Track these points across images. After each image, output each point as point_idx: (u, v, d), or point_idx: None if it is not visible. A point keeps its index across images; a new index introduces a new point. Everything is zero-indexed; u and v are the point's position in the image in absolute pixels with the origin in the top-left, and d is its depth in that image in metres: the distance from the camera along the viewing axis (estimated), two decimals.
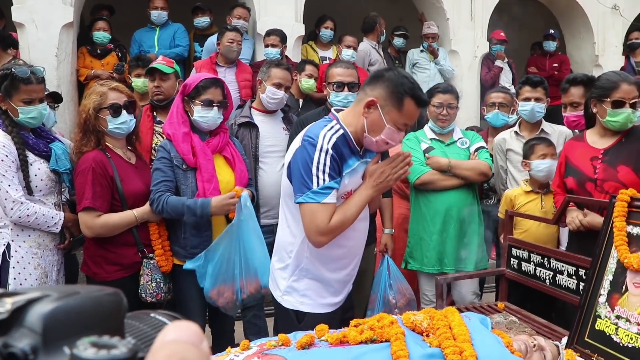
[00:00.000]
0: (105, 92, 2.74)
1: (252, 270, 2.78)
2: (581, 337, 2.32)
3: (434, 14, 6.97)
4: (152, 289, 2.79)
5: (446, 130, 3.68)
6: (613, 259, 2.30)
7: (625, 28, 7.76)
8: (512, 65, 7.14)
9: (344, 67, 3.45)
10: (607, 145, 2.88)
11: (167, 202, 2.70)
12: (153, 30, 6.07)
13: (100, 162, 2.68)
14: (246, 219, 2.76)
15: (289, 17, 6.13)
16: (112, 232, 2.73)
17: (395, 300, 3.12)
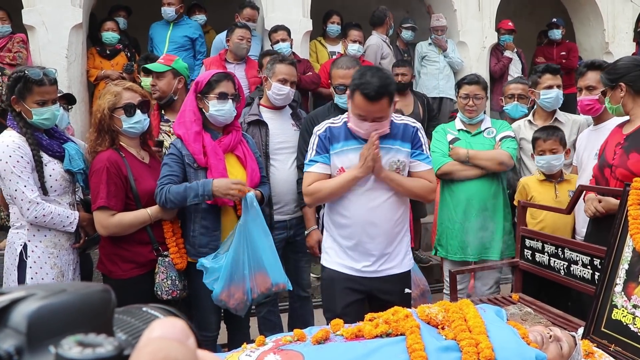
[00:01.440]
0: (120, 92, 2.76)
1: (262, 269, 2.77)
2: (597, 327, 2.31)
3: (441, 5, 6.93)
4: (168, 286, 2.81)
5: (475, 121, 3.73)
6: (628, 247, 2.29)
7: (636, 14, 7.65)
8: (521, 55, 7.08)
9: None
10: (629, 131, 2.82)
11: (169, 191, 2.71)
12: (167, 26, 6.00)
13: (115, 161, 2.71)
14: (253, 219, 2.75)
15: (296, 12, 6.12)
16: (127, 230, 2.76)
17: (410, 291, 3.13)
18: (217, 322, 3.03)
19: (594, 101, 3.29)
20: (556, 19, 7.21)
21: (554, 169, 3.42)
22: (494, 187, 3.62)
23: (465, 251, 3.65)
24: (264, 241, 2.78)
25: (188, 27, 6.05)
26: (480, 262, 3.59)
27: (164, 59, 3.58)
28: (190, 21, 6.18)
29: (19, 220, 2.78)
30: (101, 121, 2.73)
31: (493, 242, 3.62)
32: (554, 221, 3.37)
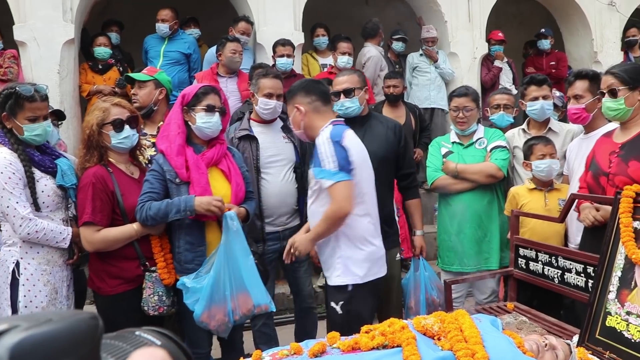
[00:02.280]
0: (108, 108, 2.77)
1: (244, 290, 2.71)
2: (592, 334, 2.32)
3: (432, 17, 6.99)
4: (154, 302, 2.78)
5: (467, 132, 3.78)
6: (621, 255, 2.30)
7: (623, 24, 7.76)
8: (511, 65, 7.15)
9: (340, 76, 3.49)
10: (625, 140, 2.83)
11: (150, 208, 2.68)
12: (161, 41, 5.97)
13: (101, 177, 2.71)
14: (234, 238, 2.70)
15: (288, 26, 6.15)
16: (113, 246, 2.74)
17: (439, 299, 3.16)
18: (208, 338, 2.99)
19: (581, 110, 3.31)
20: (544, 29, 7.28)
21: (553, 174, 3.44)
22: (487, 198, 3.67)
23: (462, 262, 3.69)
24: (246, 261, 2.72)
25: (183, 43, 6.03)
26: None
27: (148, 70, 3.60)
28: (186, 36, 6.18)
29: (12, 238, 2.76)
30: (90, 137, 2.74)
31: (491, 252, 3.66)
32: (543, 229, 3.39)
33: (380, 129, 3.36)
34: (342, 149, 2.64)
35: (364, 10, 8.12)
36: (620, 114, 2.80)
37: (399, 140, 3.35)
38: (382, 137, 3.33)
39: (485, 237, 3.66)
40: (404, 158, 3.38)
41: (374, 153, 3.18)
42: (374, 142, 3.27)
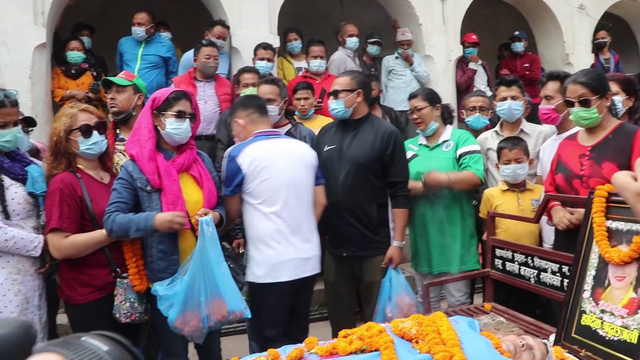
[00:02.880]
0: (75, 114, 2.73)
1: (219, 296, 2.66)
2: (568, 333, 2.34)
3: (407, 20, 7.03)
4: (126, 309, 2.72)
5: (429, 132, 3.77)
6: (595, 254, 2.33)
7: (593, 26, 7.90)
8: (486, 67, 7.22)
9: (337, 77, 3.55)
10: (594, 142, 2.91)
11: (114, 221, 2.61)
12: (138, 44, 5.89)
13: (69, 182, 2.65)
14: (209, 244, 2.66)
15: (264, 30, 6.13)
16: (82, 252, 2.68)
17: (392, 314, 3.12)
18: (184, 346, 2.91)
19: (551, 110, 3.39)
20: (518, 32, 7.38)
21: (518, 178, 3.49)
22: (446, 200, 3.66)
23: (429, 264, 3.73)
24: (220, 267, 2.68)
25: (161, 46, 5.98)
26: (443, 274, 3.63)
27: (125, 74, 3.53)
28: (163, 40, 6.11)
29: None
30: (57, 144, 2.69)
31: (452, 254, 3.66)
32: (517, 229, 3.44)
33: (369, 135, 3.34)
34: (234, 165, 2.96)
35: (339, 13, 8.13)
36: (592, 121, 2.89)
37: (385, 147, 3.29)
38: (367, 143, 3.31)
39: (446, 239, 3.67)
40: (391, 165, 3.32)
41: (355, 158, 3.29)
42: (358, 147, 3.31)
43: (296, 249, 3.02)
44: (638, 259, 2.11)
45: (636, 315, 2.06)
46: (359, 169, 3.27)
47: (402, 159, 3.38)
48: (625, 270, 2.15)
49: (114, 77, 3.43)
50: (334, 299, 3.59)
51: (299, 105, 4.74)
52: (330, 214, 3.33)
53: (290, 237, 3.00)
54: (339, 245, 3.42)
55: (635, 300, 2.08)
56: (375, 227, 3.32)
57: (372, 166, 3.29)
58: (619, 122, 2.95)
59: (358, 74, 3.56)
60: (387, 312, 3.16)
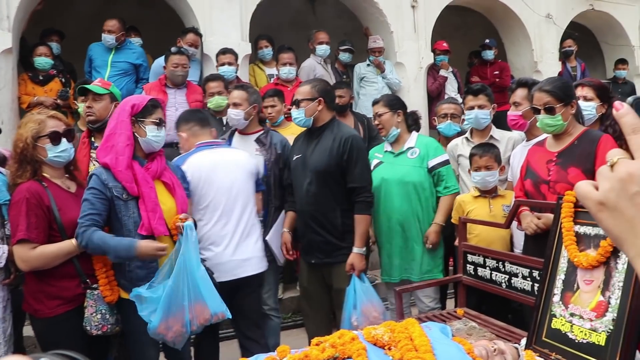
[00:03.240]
0: (44, 120, 2.66)
1: (201, 299, 2.67)
2: (539, 337, 2.36)
3: (379, 27, 7.08)
4: (97, 320, 2.66)
5: (391, 139, 3.81)
6: (564, 258, 2.36)
7: (560, 35, 8.08)
8: (457, 75, 7.31)
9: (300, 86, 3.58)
10: (561, 148, 2.99)
11: (90, 240, 2.55)
12: (108, 50, 5.79)
13: (35, 192, 2.57)
14: (193, 249, 2.68)
15: (235, 36, 6.10)
16: (50, 263, 2.60)
17: (358, 323, 3.11)
18: (156, 357, 2.87)
19: (518, 117, 3.47)
20: (489, 40, 7.49)
21: (488, 185, 3.53)
22: (410, 208, 3.67)
23: (389, 273, 3.76)
24: (199, 271, 2.69)
25: (132, 53, 5.88)
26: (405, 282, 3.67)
27: (101, 82, 3.48)
28: (134, 46, 6.02)
29: None
30: (23, 151, 2.60)
31: (412, 262, 3.69)
32: (489, 234, 3.49)
33: (327, 142, 3.36)
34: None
35: (310, 21, 8.15)
36: (558, 128, 2.97)
37: (342, 152, 3.29)
38: (326, 151, 3.34)
39: (410, 248, 3.69)
40: (348, 171, 3.31)
41: (316, 166, 3.34)
42: (318, 155, 3.36)
43: (234, 251, 3.20)
44: (605, 262, 2.15)
45: (604, 318, 2.09)
46: (320, 176, 3.33)
47: (360, 164, 3.34)
48: (593, 274, 2.18)
49: (89, 84, 3.38)
50: (308, 304, 3.61)
51: (267, 112, 4.76)
52: (298, 222, 3.49)
53: (230, 240, 3.20)
54: (307, 252, 3.47)
55: (603, 304, 2.11)
56: (341, 233, 3.34)
57: (333, 172, 3.32)
58: (584, 129, 3.02)
59: (319, 82, 3.57)
60: (353, 321, 3.15)
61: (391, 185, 3.67)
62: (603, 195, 0.71)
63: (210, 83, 4.74)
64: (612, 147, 2.81)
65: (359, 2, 7.14)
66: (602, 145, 2.83)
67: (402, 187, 3.65)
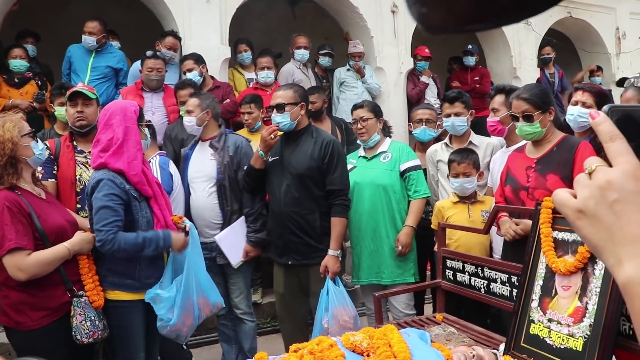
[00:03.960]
0: (20, 119, 2.58)
1: (204, 294, 2.87)
2: (517, 342, 2.37)
3: (359, 32, 7.10)
4: (87, 328, 2.57)
5: (371, 144, 3.85)
6: (542, 264, 2.37)
7: (538, 42, 8.18)
8: (436, 80, 7.34)
9: (277, 90, 3.58)
10: (540, 155, 3.02)
11: (124, 241, 2.59)
12: (89, 53, 5.62)
13: (14, 200, 2.46)
14: (195, 246, 2.90)
15: (214, 39, 6.07)
16: (47, 269, 2.50)
17: (328, 325, 3.11)
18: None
19: (496, 122, 3.49)
20: (471, 46, 7.55)
21: (466, 191, 3.55)
22: (380, 209, 3.71)
23: (357, 275, 3.79)
24: (203, 265, 2.97)
25: (112, 57, 5.71)
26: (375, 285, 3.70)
27: (88, 88, 3.48)
28: (115, 50, 5.87)
29: None
30: (12, 152, 2.45)
31: (382, 266, 3.70)
32: (468, 240, 3.49)
33: (308, 145, 3.41)
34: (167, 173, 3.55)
35: (291, 24, 8.14)
36: (536, 135, 3.01)
37: (323, 156, 3.36)
38: (306, 154, 3.38)
39: (379, 250, 3.70)
40: (328, 174, 3.38)
41: (295, 168, 3.38)
42: (298, 158, 3.40)
43: None
44: (583, 268, 2.16)
45: (581, 324, 2.10)
46: (299, 179, 3.36)
47: (340, 168, 3.42)
48: (571, 280, 2.20)
49: (78, 89, 3.37)
50: (284, 310, 3.59)
51: (244, 119, 4.84)
52: (273, 223, 3.49)
53: None
54: (282, 253, 3.45)
55: (580, 309, 2.12)
56: (319, 235, 3.37)
57: (313, 176, 3.36)
58: (563, 135, 3.05)
59: (299, 87, 3.65)
60: (324, 323, 3.15)
61: (363, 188, 3.72)
62: (582, 203, 0.71)
63: (180, 91, 4.69)
64: (590, 154, 2.86)
65: (339, 7, 7.15)
66: (580, 153, 2.86)
67: (373, 189, 3.70)
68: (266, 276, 5.08)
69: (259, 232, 3.61)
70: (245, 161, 3.60)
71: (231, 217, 3.65)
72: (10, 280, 2.47)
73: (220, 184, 3.64)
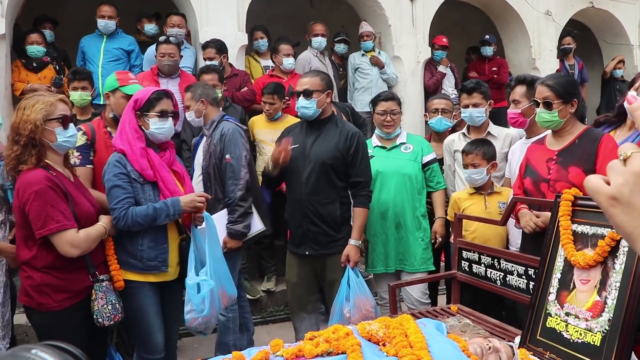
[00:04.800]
0: (54, 102, 2.54)
1: (223, 285, 2.87)
2: (533, 335, 2.35)
3: (376, 20, 7.04)
4: (109, 311, 2.61)
5: (392, 136, 3.90)
6: (560, 257, 2.34)
7: (558, 32, 8.06)
8: (454, 70, 7.28)
9: (303, 77, 3.52)
10: (561, 147, 2.97)
11: (135, 214, 2.72)
12: (100, 39, 5.75)
13: (53, 180, 2.47)
14: (212, 236, 2.90)
15: (231, 26, 6.05)
16: (93, 245, 2.60)
17: (350, 315, 3.10)
18: (162, 341, 2.90)
19: (517, 114, 3.44)
20: (488, 36, 7.46)
21: (475, 183, 3.54)
22: (406, 200, 3.76)
23: (385, 264, 3.80)
24: (221, 255, 2.97)
25: (123, 40, 5.85)
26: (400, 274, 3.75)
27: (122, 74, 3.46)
28: (125, 34, 5.96)
29: None
30: (32, 133, 2.45)
31: (407, 254, 3.76)
32: (484, 231, 3.48)
33: (333, 135, 3.37)
34: None
35: (308, 12, 8.10)
36: (554, 124, 2.97)
37: (349, 147, 3.33)
38: (331, 143, 3.34)
39: (405, 238, 3.75)
40: (353, 166, 3.34)
41: (319, 157, 3.33)
42: (322, 147, 3.35)
43: None
44: (602, 262, 2.13)
45: (600, 318, 2.08)
46: (322, 167, 3.31)
47: (365, 160, 3.41)
48: (590, 274, 2.17)
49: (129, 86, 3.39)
50: (296, 302, 3.55)
51: (265, 108, 4.87)
52: (293, 211, 3.43)
53: None
54: (300, 243, 3.42)
55: (599, 304, 2.09)
56: (338, 225, 3.35)
57: (336, 165, 3.32)
58: (585, 127, 3.00)
59: (325, 75, 3.58)
60: (345, 313, 3.13)
61: (387, 177, 3.76)
62: (616, 190, 0.68)
63: (204, 75, 4.69)
64: (613, 147, 2.81)
65: None
66: (603, 145, 2.82)
67: (399, 178, 3.77)
68: (280, 264, 5.10)
69: (237, 224, 3.53)
70: (232, 149, 3.57)
71: (216, 206, 3.59)
72: (35, 261, 2.50)
73: (205, 172, 3.64)
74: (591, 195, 0.73)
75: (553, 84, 2.95)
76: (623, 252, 2.07)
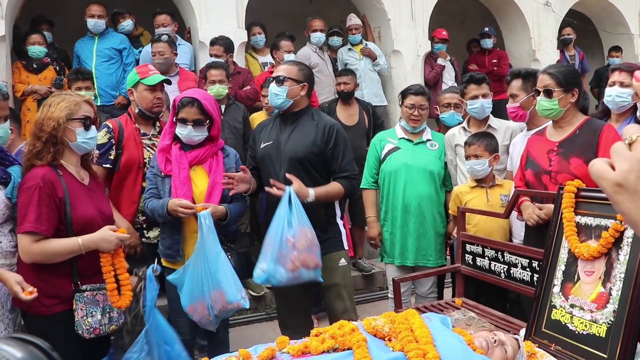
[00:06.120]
0: (79, 102, 2.53)
1: (219, 287, 2.76)
2: (538, 327, 2.35)
3: (375, 15, 7.02)
4: (88, 324, 2.50)
5: (417, 130, 3.88)
6: (564, 249, 2.34)
7: (558, 23, 8.03)
8: (454, 63, 7.25)
9: (282, 64, 3.42)
10: (562, 138, 2.97)
11: (148, 206, 3.06)
12: (92, 40, 5.79)
13: (49, 181, 2.43)
14: (207, 237, 2.81)
15: (230, 24, 6.04)
16: (52, 259, 2.45)
17: (295, 240, 2.80)
18: (185, 325, 3.05)
19: (516, 108, 3.44)
20: (488, 29, 7.44)
21: (477, 174, 3.53)
22: (430, 194, 3.78)
23: (403, 256, 3.79)
24: (218, 258, 2.80)
25: (114, 39, 5.89)
26: (418, 268, 3.75)
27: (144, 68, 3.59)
28: (116, 33, 6.00)
29: None
30: (54, 131, 2.44)
31: (429, 249, 3.76)
32: (487, 224, 3.47)
33: (308, 129, 3.16)
34: None
35: (307, 8, 8.08)
36: (553, 113, 2.96)
37: (327, 141, 3.12)
38: (307, 138, 3.13)
39: (426, 233, 3.77)
40: (335, 161, 3.15)
41: (294, 152, 3.10)
42: (297, 141, 3.13)
43: None
44: (607, 254, 2.13)
45: (604, 310, 2.08)
46: (299, 164, 3.09)
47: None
48: (594, 265, 2.17)
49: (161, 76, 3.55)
50: (284, 305, 3.35)
51: (264, 102, 4.90)
52: (272, 214, 3.00)
53: None
54: None
55: (604, 295, 2.10)
56: (324, 225, 3.14)
57: (312, 160, 3.12)
58: (585, 118, 3.00)
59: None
60: (290, 238, 2.80)
61: (414, 171, 3.77)
62: (621, 176, 0.67)
63: (212, 70, 4.70)
64: (614, 137, 2.79)
65: None
66: (604, 135, 2.82)
67: (426, 174, 3.79)
68: None
69: None
70: None
71: None
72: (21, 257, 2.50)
73: None
74: (595, 180, 0.71)
75: (554, 72, 2.96)
76: (627, 243, 2.07)
